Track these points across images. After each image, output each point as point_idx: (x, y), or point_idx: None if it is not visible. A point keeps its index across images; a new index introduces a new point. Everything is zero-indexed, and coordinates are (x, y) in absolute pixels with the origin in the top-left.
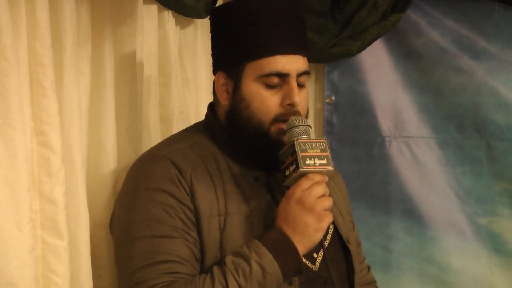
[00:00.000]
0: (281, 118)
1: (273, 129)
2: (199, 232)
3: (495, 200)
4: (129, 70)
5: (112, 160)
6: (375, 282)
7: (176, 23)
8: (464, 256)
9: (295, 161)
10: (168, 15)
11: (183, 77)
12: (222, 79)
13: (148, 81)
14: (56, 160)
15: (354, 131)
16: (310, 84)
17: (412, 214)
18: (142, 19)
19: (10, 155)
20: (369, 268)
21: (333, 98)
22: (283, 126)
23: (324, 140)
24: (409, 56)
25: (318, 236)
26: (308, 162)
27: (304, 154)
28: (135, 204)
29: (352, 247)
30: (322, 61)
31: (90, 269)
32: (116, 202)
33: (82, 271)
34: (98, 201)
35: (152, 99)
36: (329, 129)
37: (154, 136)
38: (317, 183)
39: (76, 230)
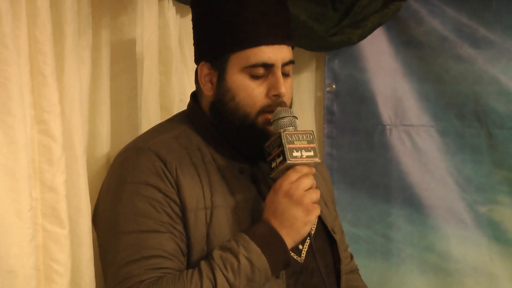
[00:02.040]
0: (267, 109)
1: (260, 119)
2: (186, 225)
3: (495, 188)
4: (129, 58)
5: (112, 148)
6: (358, 270)
7: (176, 12)
8: (464, 244)
9: (282, 153)
10: (168, 3)
11: (183, 65)
12: (205, 69)
13: (148, 70)
14: (57, 149)
15: (355, 119)
16: (311, 72)
17: (412, 203)
18: (142, 8)
19: (10, 143)
20: (352, 256)
21: (333, 86)
22: (269, 116)
23: (311, 132)
24: (409, 45)
25: (306, 229)
26: (295, 154)
27: (291, 146)
28: (121, 198)
29: (337, 237)
30: (323, 50)
31: (92, 257)
32: (99, 195)
33: (83, 259)
34: (98, 189)
35: (152, 88)
36: (329, 117)
37: (154, 124)
38: (305, 175)
39: (77, 218)
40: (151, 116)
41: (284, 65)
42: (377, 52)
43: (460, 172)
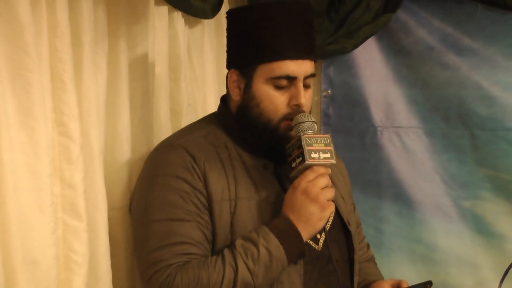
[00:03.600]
0: (288, 117)
1: (282, 125)
2: (211, 215)
3: (478, 185)
4: (142, 66)
5: (126, 148)
6: (374, 258)
7: (185, 23)
8: (449, 236)
9: (302, 154)
10: (178, 15)
11: (191, 72)
12: (234, 76)
13: (159, 76)
14: (76, 149)
15: (349, 121)
16: None
17: (402, 198)
18: (154, 19)
19: (33, 144)
20: (368, 246)
21: (329, 91)
22: (291, 123)
23: (328, 136)
24: (399, 53)
25: (321, 224)
26: (313, 155)
27: (309, 148)
28: (153, 189)
29: (352, 228)
30: (319, 58)
31: (108, 249)
32: (135, 187)
33: (100, 250)
34: (114, 186)
35: (163, 93)
36: (325, 120)
37: (164, 127)
38: (321, 175)
39: (94, 212)
40: (161, 119)
41: (306, 78)
42: (369, 60)
43: (446, 170)
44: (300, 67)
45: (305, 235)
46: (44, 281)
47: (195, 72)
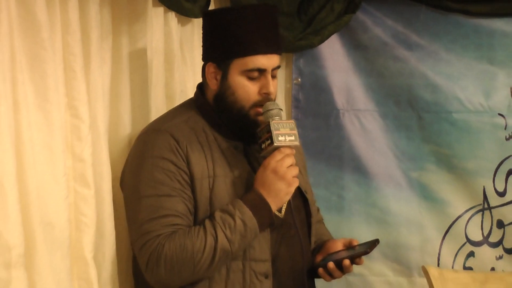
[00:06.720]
0: (258, 104)
1: (252, 112)
2: (193, 191)
3: (424, 158)
4: (141, 58)
5: (128, 128)
6: (323, 220)
7: (178, 22)
8: (399, 202)
9: (270, 137)
10: (172, 15)
11: (183, 64)
12: (212, 68)
13: (156, 67)
14: (85, 128)
15: (316, 105)
16: (282, 69)
17: (360, 170)
18: (151, 19)
19: (48, 124)
20: (318, 210)
21: (299, 80)
22: (260, 109)
23: (293, 121)
24: (358, 48)
25: (287, 198)
26: (280, 138)
27: (277, 132)
28: (142, 169)
29: (309, 196)
30: (291, 51)
31: (112, 213)
32: (125, 165)
33: (105, 214)
34: (118, 160)
35: (159, 81)
36: (296, 104)
37: (160, 110)
38: (287, 155)
39: (100, 182)
40: (158, 103)
41: (273, 69)
42: (333, 53)
43: (397, 146)
44: (269, 61)
45: (274, 207)
46: (58, 240)
47: (186, 63)
